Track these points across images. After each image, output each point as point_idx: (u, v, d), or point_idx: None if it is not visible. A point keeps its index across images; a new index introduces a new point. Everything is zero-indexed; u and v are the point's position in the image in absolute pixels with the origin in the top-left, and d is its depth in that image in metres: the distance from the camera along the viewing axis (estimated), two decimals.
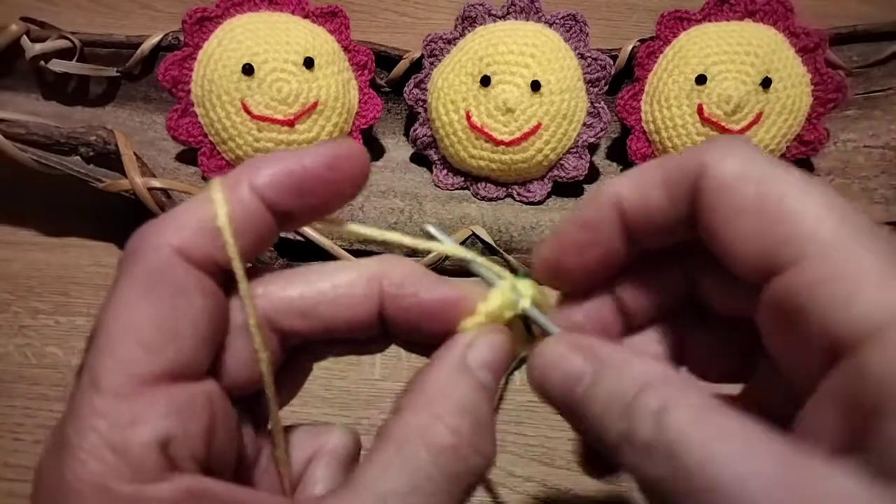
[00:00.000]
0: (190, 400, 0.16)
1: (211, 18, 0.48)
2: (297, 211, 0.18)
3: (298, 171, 0.18)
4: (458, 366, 0.18)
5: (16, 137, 0.43)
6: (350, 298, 0.19)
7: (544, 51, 0.48)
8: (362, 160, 0.19)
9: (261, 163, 0.18)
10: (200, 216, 0.17)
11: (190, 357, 0.16)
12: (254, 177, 0.17)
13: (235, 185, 0.17)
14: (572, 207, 0.51)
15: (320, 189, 0.18)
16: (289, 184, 0.17)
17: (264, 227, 0.18)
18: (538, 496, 0.38)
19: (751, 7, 0.49)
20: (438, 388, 0.18)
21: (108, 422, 0.15)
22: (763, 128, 0.49)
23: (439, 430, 0.17)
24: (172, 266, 0.16)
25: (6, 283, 0.46)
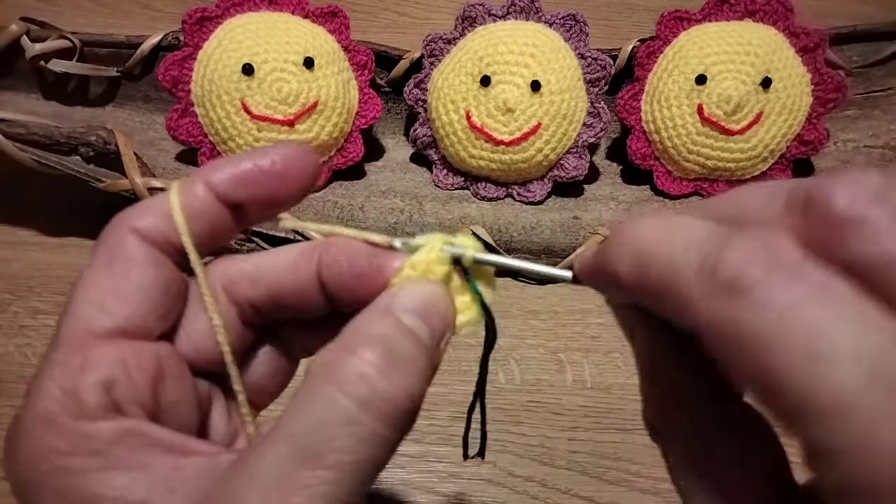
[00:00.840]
0: (136, 352, 0.18)
1: (211, 18, 0.48)
2: (248, 203, 0.20)
3: (247, 167, 0.20)
4: (378, 309, 0.18)
5: (16, 137, 0.43)
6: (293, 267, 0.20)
7: (544, 51, 0.48)
8: (308, 160, 0.20)
9: (217, 163, 0.20)
10: (157, 204, 0.20)
11: (139, 319, 0.18)
12: (207, 173, 0.20)
13: (191, 180, 0.20)
14: (572, 207, 0.51)
15: (267, 182, 0.20)
16: (237, 178, 0.20)
17: (217, 216, 0.20)
18: (538, 496, 0.38)
19: (751, 7, 0.49)
20: (355, 327, 0.18)
21: (62, 368, 0.17)
22: (763, 128, 0.49)
23: (347, 360, 0.17)
24: (126, 242, 0.19)
25: (6, 283, 0.46)
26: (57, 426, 0.17)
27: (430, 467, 0.39)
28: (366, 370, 0.16)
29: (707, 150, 0.49)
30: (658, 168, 0.51)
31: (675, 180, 0.51)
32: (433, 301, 0.19)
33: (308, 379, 0.17)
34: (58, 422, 0.17)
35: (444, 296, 0.19)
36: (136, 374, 0.18)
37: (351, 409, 0.16)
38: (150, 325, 0.19)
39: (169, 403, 0.19)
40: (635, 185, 0.53)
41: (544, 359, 0.44)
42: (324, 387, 0.16)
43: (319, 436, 0.16)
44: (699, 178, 0.51)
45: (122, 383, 0.18)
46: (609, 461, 0.39)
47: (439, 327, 0.19)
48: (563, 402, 0.42)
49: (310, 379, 0.17)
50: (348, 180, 0.52)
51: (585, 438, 0.40)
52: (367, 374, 0.16)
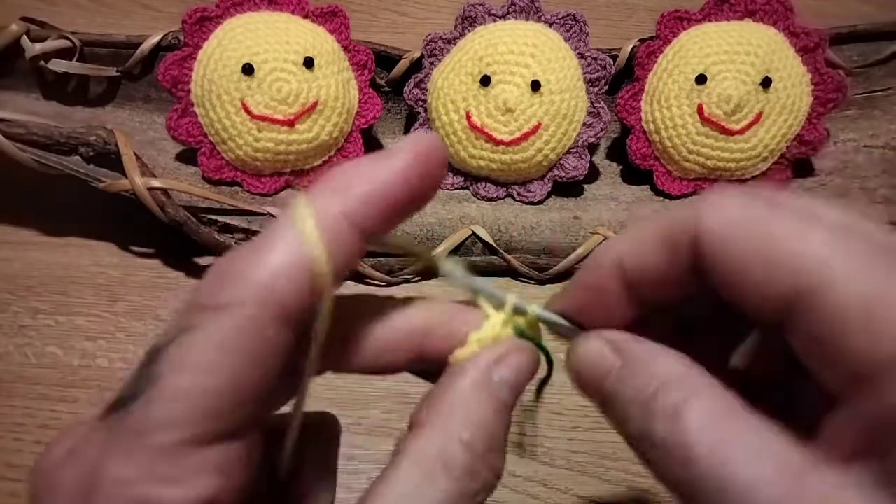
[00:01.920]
0: (235, 460, 0.15)
1: (211, 18, 0.48)
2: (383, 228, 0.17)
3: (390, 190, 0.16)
4: (480, 383, 0.18)
5: (16, 137, 0.43)
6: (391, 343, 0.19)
7: (544, 51, 0.48)
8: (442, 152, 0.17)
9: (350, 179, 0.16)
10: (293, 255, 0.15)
11: (246, 421, 0.15)
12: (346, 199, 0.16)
13: (325, 209, 0.15)
14: (572, 207, 0.51)
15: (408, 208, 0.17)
16: (381, 206, 0.16)
17: (352, 254, 0.16)
18: (538, 496, 0.38)
19: (751, 7, 0.49)
20: (458, 404, 0.18)
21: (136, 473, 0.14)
22: (763, 128, 0.49)
23: (455, 447, 0.17)
24: (262, 327, 0.15)
25: (6, 283, 0.46)
26: None
27: None
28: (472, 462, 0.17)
29: (707, 149, 0.49)
30: (658, 168, 0.51)
31: (675, 180, 0.51)
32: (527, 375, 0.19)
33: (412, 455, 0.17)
34: None
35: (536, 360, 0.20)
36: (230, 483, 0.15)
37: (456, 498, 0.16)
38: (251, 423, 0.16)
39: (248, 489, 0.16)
40: (635, 185, 0.53)
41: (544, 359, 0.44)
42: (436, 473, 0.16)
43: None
44: (699, 178, 0.51)
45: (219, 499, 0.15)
46: (609, 461, 0.39)
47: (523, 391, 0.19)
48: (563, 402, 0.42)
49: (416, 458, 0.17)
50: None
51: (585, 438, 0.40)
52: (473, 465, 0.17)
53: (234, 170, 0.50)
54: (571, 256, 0.48)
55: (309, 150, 0.49)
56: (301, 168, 0.50)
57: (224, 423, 0.15)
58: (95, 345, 0.43)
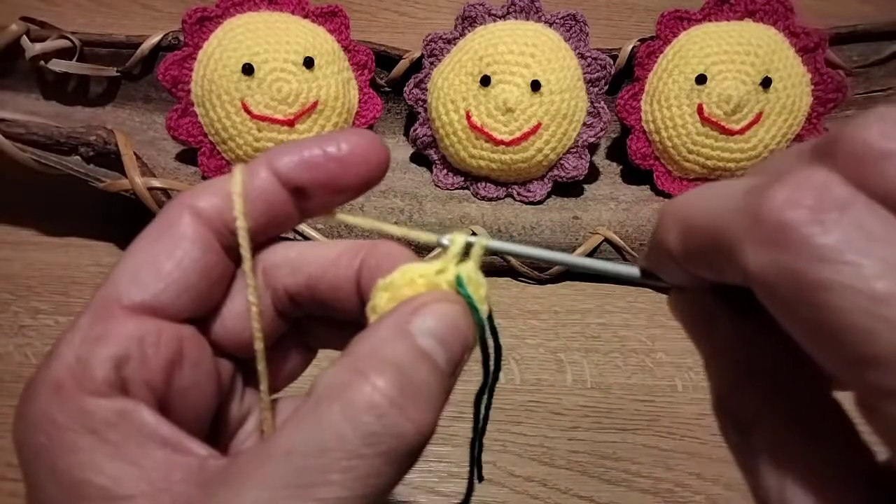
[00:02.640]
0: (157, 331, 0.18)
1: (211, 18, 0.48)
2: (311, 188, 0.19)
3: (314, 151, 0.19)
4: (395, 327, 0.17)
5: (16, 137, 0.43)
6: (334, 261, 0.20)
7: (544, 51, 0.48)
8: (376, 149, 0.19)
9: (282, 147, 0.19)
10: (220, 185, 0.19)
11: (169, 298, 0.18)
12: (272, 156, 0.19)
13: (256, 163, 0.19)
14: (572, 207, 0.51)
15: (332, 168, 0.19)
16: (302, 162, 0.19)
17: (277, 199, 0.19)
18: (538, 496, 0.38)
19: (751, 7, 0.49)
20: (369, 346, 0.16)
21: (81, 335, 0.17)
22: (763, 127, 0.49)
23: (358, 386, 0.15)
24: (180, 219, 0.19)
25: (6, 283, 0.46)
26: (61, 395, 0.17)
27: (430, 467, 0.39)
28: (377, 400, 0.15)
29: (707, 149, 0.49)
30: (658, 168, 0.51)
31: (675, 180, 0.51)
32: (454, 321, 0.17)
33: (314, 397, 0.16)
34: (63, 391, 0.17)
35: (467, 316, 0.18)
36: (151, 353, 0.18)
37: (355, 442, 0.15)
38: (179, 306, 0.18)
39: (183, 387, 0.18)
40: (635, 185, 0.53)
41: (544, 359, 0.44)
42: (330, 410, 0.15)
43: (316, 464, 0.15)
44: (699, 178, 0.51)
45: (134, 361, 0.17)
46: (609, 461, 0.39)
47: (459, 352, 0.17)
48: (563, 402, 0.42)
49: (316, 397, 0.16)
50: None
51: (585, 438, 0.40)
52: (377, 404, 0.15)
53: None
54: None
55: None
56: None
57: (147, 294, 0.18)
58: None
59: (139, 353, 0.17)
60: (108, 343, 0.17)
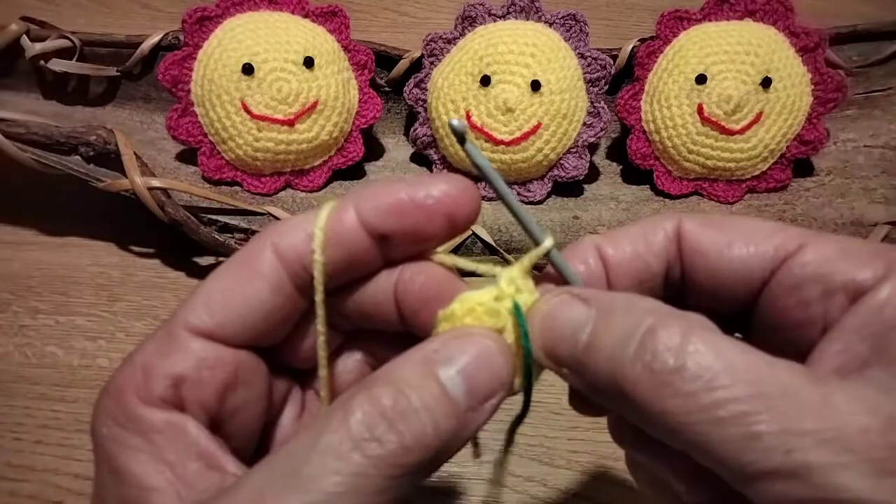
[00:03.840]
0: (215, 356, 0.19)
1: (211, 18, 0.48)
2: (395, 236, 0.19)
3: (402, 197, 0.19)
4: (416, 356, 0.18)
5: (16, 137, 0.43)
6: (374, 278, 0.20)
7: (544, 50, 0.48)
8: (469, 196, 0.19)
9: (371, 189, 0.19)
10: (305, 224, 0.19)
11: (234, 330, 0.19)
12: (361, 199, 0.19)
13: (343, 204, 0.19)
14: (572, 207, 0.51)
15: (417, 217, 0.19)
16: (389, 209, 0.19)
17: (359, 245, 0.19)
18: (538, 496, 0.38)
19: (751, 7, 0.49)
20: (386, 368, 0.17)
21: (153, 348, 0.19)
22: (763, 127, 0.49)
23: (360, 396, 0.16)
24: (261, 257, 0.19)
25: (6, 283, 0.46)
26: (122, 399, 0.18)
27: None
28: (369, 410, 0.16)
29: (707, 149, 0.49)
30: (658, 168, 0.51)
31: (675, 180, 0.51)
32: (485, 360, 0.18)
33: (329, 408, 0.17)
34: (124, 396, 0.18)
35: (502, 355, 0.18)
36: (208, 375, 0.19)
37: (345, 445, 0.16)
38: (240, 338, 0.19)
39: (235, 407, 0.20)
40: (635, 185, 0.53)
41: None
42: (333, 416, 0.16)
43: (309, 461, 0.16)
44: (699, 178, 0.51)
45: (191, 382, 0.19)
46: (609, 461, 0.39)
47: (486, 387, 0.18)
48: (563, 402, 0.42)
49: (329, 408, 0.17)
50: (348, 180, 0.52)
51: (585, 438, 0.40)
52: (369, 413, 0.16)
53: (234, 170, 0.50)
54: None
55: (309, 149, 0.49)
56: (301, 168, 0.50)
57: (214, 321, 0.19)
58: (95, 345, 0.43)
59: (197, 374, 0.19)
60: (170, 360, 0.19)
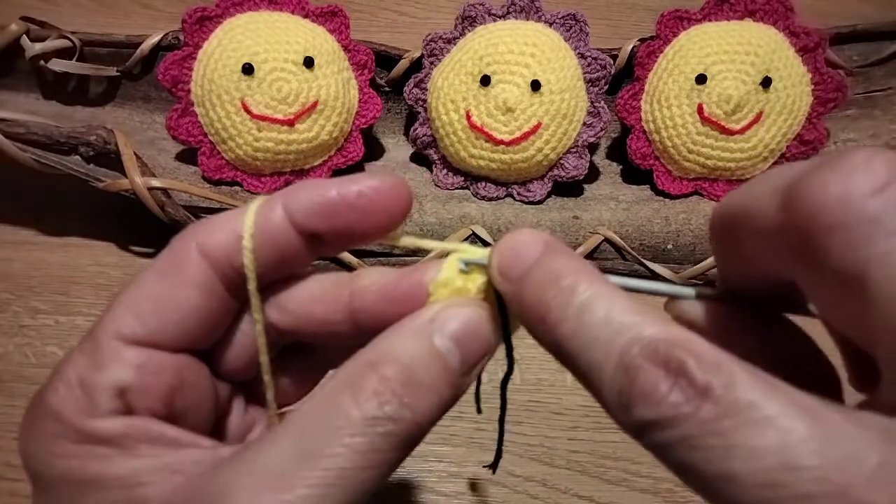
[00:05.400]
0: (156, 362, 0.19)
1: (211, 18, 0.48)
2: (326, 235, 0.19)
3: (332, 195, 0.18)
4: (412, 327, 0.18)
5: (16, 137, 0.43)
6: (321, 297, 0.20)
7: (544, 50, 0.48)
8: (399, 193, 0.19)
9: (299, 186, 0.19)
10: (231, 222, 0.19)
11: (168, 337, 0.19)
12: (289, 197, 0.19)
13: (270, 202, 0.19)
14: (572, 207, 0.51)
15: (349, 216, 0.19)
16: (317, 208, 0.18)
17: (289, 244, 0.19)
18: (538, 496, 0.38)
19: (751, 7, 0.49)
20: (387, 342, 0.18)
21: (86, 361, 0.18)
22: (763, 127, 0.49)
23: (367, 374, 0.17)
24: (188, 260, 0.19)
25: (6, 282, 0.46)
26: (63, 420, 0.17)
27: (430, 467, 0.39)
28: (381, 388, 0.17)
29: (707, 149, 0.49)
30: (658, 168, 0.51)
31: (675, 180, 0.51)
32: (474, 326, 0.18)
33: (329, 382, 0.17)
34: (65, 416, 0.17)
35: (488, 320, 0.19)
36: (151, 383, 0.18)
37: (358, 421, 0.16)
38: (175, 344, 0.19)
39: (181, 410, 0.19)
40: (635, 185, 0.53)
41: (544, 359, 0.44)
42: (340, 393, 0.17)
43: (324, 439, 0.16)
44: (699, 178, 0.51)
45: (136, 391, 0.18)
46: (609, 461, 0.39)
47: (476, 354, 0.18)
48: (563, 402, 0.42)
49: (331, 384, 0.17)
50: None
51: (585, 438, 0.40)
52: (381, 392, 0.17)
53: (234, 169, 0.50)
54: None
55: (309, 149, 0.49)
56: (301, 168, 0.50)
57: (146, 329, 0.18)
58: None
59: (140, 381, 0.18)
60: (109, 370, 0.18)
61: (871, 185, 0.13)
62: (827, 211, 0.13)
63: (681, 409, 0.13)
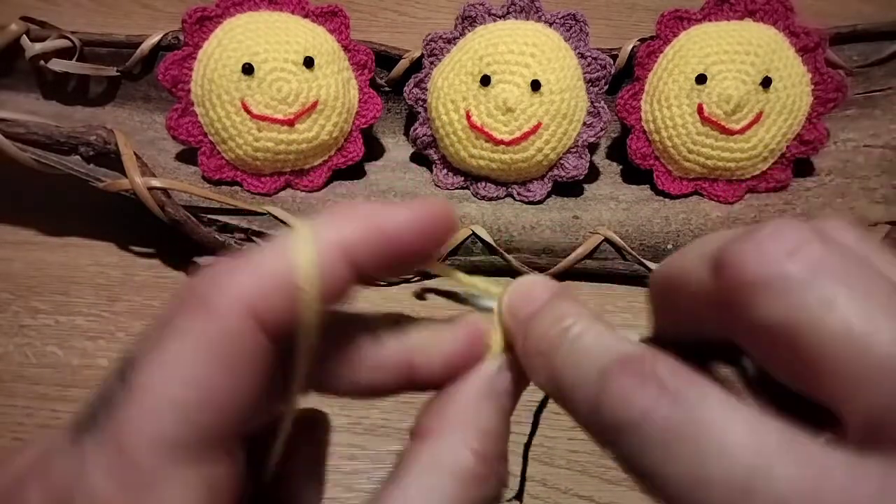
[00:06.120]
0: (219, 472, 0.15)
1: (211, 18, 0.48)
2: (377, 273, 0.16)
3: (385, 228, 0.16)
4: (486, 391, 0.18)
5: (16, 137, 0.43)
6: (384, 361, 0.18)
7: (544, 50, 0.48)
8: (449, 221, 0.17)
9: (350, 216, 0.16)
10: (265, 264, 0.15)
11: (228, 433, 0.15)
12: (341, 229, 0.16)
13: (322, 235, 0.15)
14: (572, 207, 0.51)
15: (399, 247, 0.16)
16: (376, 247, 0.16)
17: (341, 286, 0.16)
18: (538, 496, 0.38)
19: (751, 6, 0.49)
20: (466, 412, 0.18)
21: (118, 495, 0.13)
22: (763, 127, 0.49)
23: (466, 456, 0.17)
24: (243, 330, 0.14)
25: (6, 282, 0.46)
26: None
27: None
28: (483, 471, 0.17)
29: (707, 149, 0.49)
30: (658, 168, 0.51)
31: (675, 180, 0.51)
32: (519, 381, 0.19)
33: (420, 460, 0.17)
34: None
35: None
36: None
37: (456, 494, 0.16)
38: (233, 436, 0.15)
39: None
40: (635, 185, 0.53)
41: None
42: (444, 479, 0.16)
43: None
44: (699, 178, 0.51)
45: None
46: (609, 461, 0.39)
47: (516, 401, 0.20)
48: None
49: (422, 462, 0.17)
50: (348, 180, 0.52)
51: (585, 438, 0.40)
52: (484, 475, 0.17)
53: (234, 169, 0.50)
54: (571, 256, 0.48)
55: (309, 149, 0.49)
56: (301, 168, 0.50)
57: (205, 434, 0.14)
58: (95, 345, 0.43)
59: None
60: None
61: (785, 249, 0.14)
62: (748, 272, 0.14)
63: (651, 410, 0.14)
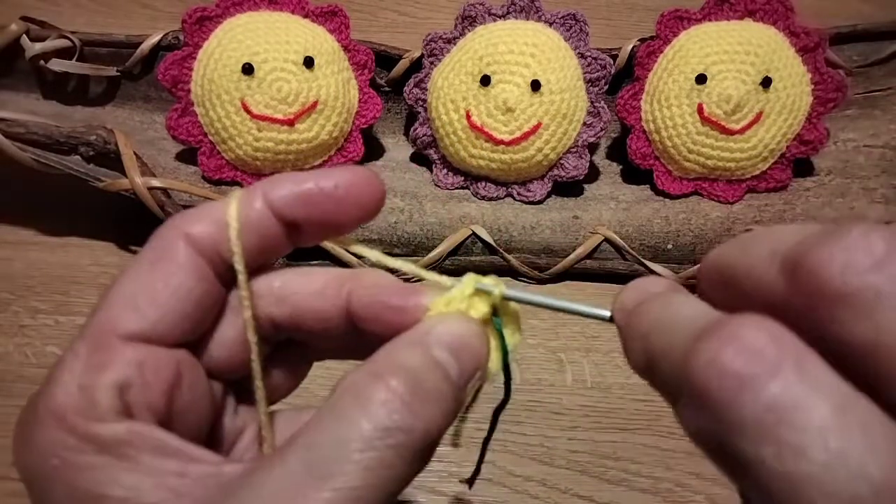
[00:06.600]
0: (156, 358, 0.18)
1: (211, 18, 0.48)
2: (305, 224, 0.20)
3: (309, 186, 0.20)
4: (411, 340, 0.18)
5: (16, 137, 0.43)
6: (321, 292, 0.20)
7: (544, 50, 0.48)
8: (373, 187, 0.20)
9: (278, 178, 0.20)
10: (213, 212, 0.19)
11: (166, 327, 0.19)
12: (268, 187, 0.20)
13: (251, 193, 0.20)
14: (572, 207, 0.51)
15: (326, 206, 0.20)
16: (297, 198, 0.19)
17: (271, 232, 0.20)
18: (538, 496, 0.38)
19: (751, 6, 0.49)
20: (386, 355, 0.18)
21: (81, 363, 0.18)
22: (763, 127, 0.49)
23: (374, 385, 0.17)
24: (176, 248, 0.19)
25: (6, 282, 0.46)
26: (68, 423, 0.17)
27: (430, 467, 0.39)
28: (390, 398, 0.17)
29: (707, 149, 0.49)
30: (658, 167, 0.51)
31: (675, 180, 0.51)
32: (467, 339, 0.19)
33: (334, 396, 0.17)
34: (69, 419, 0.17)
35: (481, 335, 0.19)
36: (152, 379, 0.18)
37: (369, 433, 0.16)
38: (175, 334, 0.19)
39: (181, 408, 0.19)
40: (635, 185, 0.53)
41: (544, 358, 0.44)
42: (347, 407, 0.17)
43: (333, 455, 0.16)
44: (699, 178, 0.51)
45: (136, 388, 0.18)
46: (609, 461, 0.39)
47: (470, 367, 0.19)
48: (563, 402, 0.42)
49: (335, 397, 0.17)
50: None
51: (585, 438, 0.40)
52: (390, 401, 0.16)
53: (234, 169, 0.50)
54: (571, 256, 0.48)
55: (309, 149, 0.49)
56: (301, 168, 0.50)
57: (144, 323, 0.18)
58: None
59: (140, 379, 0.18)
60: (109, 371, 0.18)
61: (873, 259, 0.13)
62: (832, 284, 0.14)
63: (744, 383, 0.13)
